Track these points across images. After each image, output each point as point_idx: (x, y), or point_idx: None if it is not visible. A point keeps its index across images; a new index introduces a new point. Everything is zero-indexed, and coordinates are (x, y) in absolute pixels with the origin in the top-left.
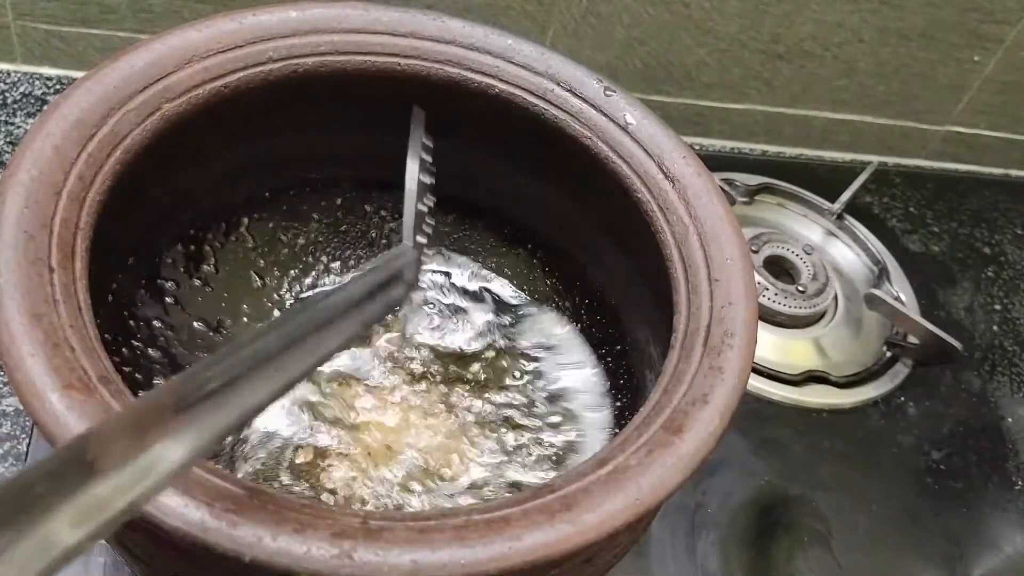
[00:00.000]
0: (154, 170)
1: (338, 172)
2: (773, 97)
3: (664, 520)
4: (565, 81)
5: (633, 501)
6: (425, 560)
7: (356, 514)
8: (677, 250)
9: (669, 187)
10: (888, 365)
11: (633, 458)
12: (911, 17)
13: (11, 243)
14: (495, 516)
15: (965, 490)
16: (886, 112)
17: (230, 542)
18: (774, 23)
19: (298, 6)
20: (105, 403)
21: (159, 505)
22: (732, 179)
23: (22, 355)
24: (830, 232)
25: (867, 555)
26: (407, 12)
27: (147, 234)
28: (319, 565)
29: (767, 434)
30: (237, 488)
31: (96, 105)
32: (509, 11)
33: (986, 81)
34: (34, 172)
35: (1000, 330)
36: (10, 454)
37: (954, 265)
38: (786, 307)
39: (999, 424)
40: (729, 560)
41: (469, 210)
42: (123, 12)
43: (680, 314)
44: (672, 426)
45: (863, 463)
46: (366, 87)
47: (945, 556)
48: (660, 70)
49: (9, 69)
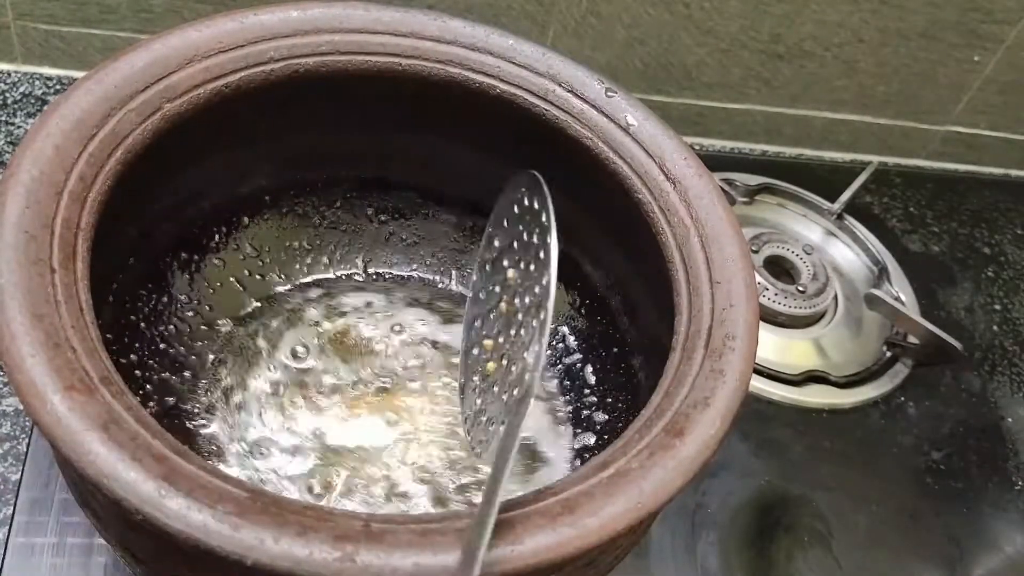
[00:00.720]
0: (155, 170)
1: (338, 172)
2: (773, 97)
3: (664, 521)
4: (566, 82)
5: (634, 504)
6: (427, 563)
7: (358, 517)
8: (678, 252)
9: (670, 188)
10: (888, 365)
11: (634, 461)
12: (911, 17)
13: (12, 243)
14: (496, 519)
15: (965, 490)
16: (886, 112)
17: (232, 545)
18: (774, 23)
19: (299, 6)
20: (107, 404)
21: (162, 507)
22: (732, 179)
23: (23, 356)
24: (830, 232)
25: (867, 555)
26: (408, 12)
27: (148, 234)
28: (321, 568)
29: (767, 434)
30: (240, 491)
31: (97, 105)
32: (509, 11)
33: (986, 81)
34: (35, 172)
35: (1000, 330)
36: (10, 454)
37: (954, 265)
38: (786, 307)
39: (999, 424)
40: (729, 560)
41: (469, 210)
42: (123, 12)
43: (681, 316)
44: (673, 429)
45: (863, 463)
46: (367, 87)
47: (945, 556)
48: (660, 70)
49: (9, 69)
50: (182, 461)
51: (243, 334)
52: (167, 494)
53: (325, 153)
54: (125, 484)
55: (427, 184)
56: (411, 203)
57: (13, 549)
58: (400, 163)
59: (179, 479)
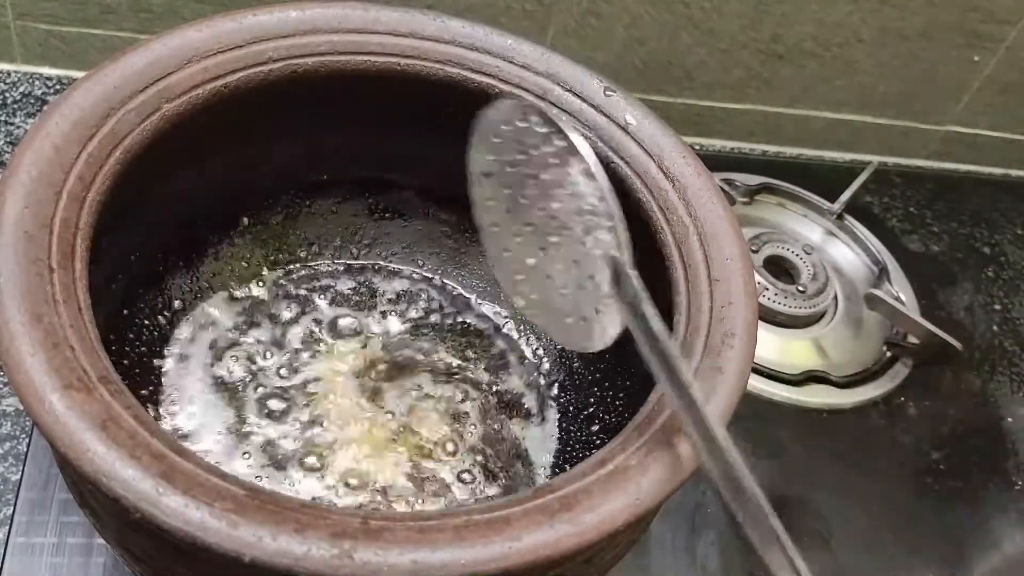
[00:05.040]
0: (154, 170)
1: (338, 172)
2: (773, 97)
3: (664, 520)
4: (565, 81)
5: (633, 501)
6: (425, 560)
7: (356, 514)
8: (677, 250)
9: (669, 187)
10: (888, 365)
11: (633, 458)
12: (911, 17)
13: (11, 243)
14: (495, 516)
15: (965, 490)
16: (886, 112)
17: (230, 542)
18: (774, 23)
19: (298, 6)
20: (105, 403)
21: (160, 505)
22: (732, 179)
23: (22, 355)
24: (830, 232)
25: (867, 555)
26: (407, 12)
27: (147, 233)
28: (319, 565)
29: (767, 434)
30: (237, 488)
31: (96, 105)
32: (509, 11)
33: (986, 81)
34: (34, 172)
35: (1000, 330)
36: (10, 454)
37: (954, 265)
38: (786, 307)
39: (999, 424)
40: (730, 560)
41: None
42: (123, 12)
43: (680, 314)
44: (672, 426)
45: (863, 463)
46: (366, 87)
47: (945, 556)
48: (660, 70)
49: (9, 69)
50: (180, 459)
51: (243, 333)
52: (165, 492)
53: (324, 153)
54: (123, 482)
55: (427, 184)
56: (411, 203)
57: (13, 549)
58: (400, 163)
59: (177, 477)
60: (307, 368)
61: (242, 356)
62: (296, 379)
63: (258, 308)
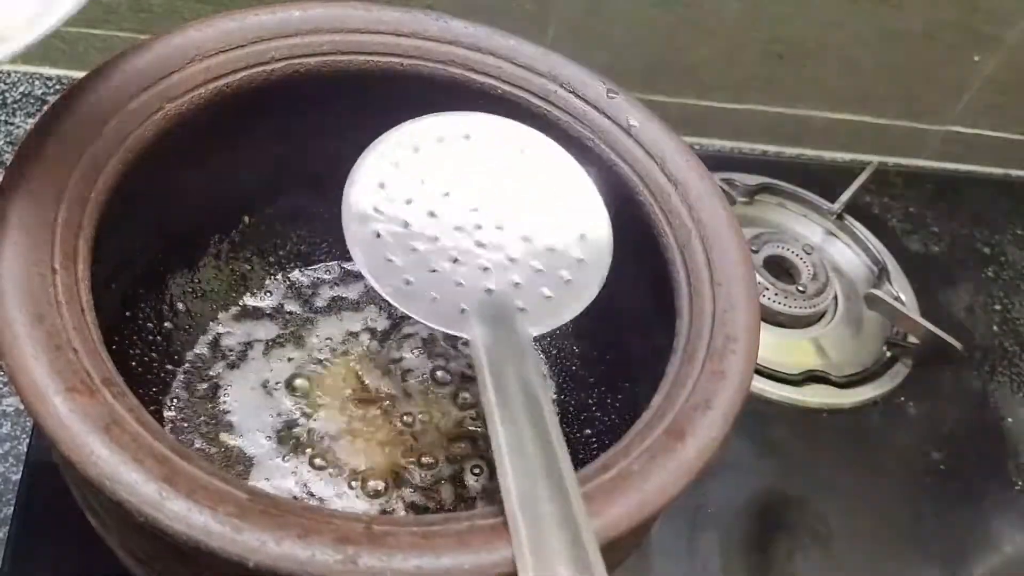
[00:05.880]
0: (156, 169)
1: (339, 172)
2: (773, 97)
3: (665, 521)
4: (568, 83)
5: (635, 507)
6: (429, 565)
7: (360, 519)
8: (679, 254)
9: (672, 190)
10: (888, 365)
11: (636, 463)
12: (911, 17)
13: (13, 244)
14: (499, 521)
15: (965, 490)
16: (886, 112)
17: (234, 547)
18: (774, 23)
19: (300, 6)
20: (108, 405)
21: (163, 509)
22: (732, 179)
23: (25, 357)
24: (830, 232)
25: (867, 555)
26: (409, 12)
27: (148, 233)
28: (323, 570)
29: (767, 434)
30: (241, 492)
31: (98, 105)
32: (510, 11)
33: (986, 81)
34: (35, 172)
35: (1000, 330)
36: (10, 454)
37: (954, 265)
38: (786, 307)
39: (999, 424)
40: (730, 560)
41: None
42: (123, 12)
43: (682, 318)
44: (675, 431)
45: (863, 463)
46: (368, 87)
47: (945, 556)
48: (660, 70)
49: (9, 69)
50: (183, 463)
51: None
52: (168, 496)
53: (325, 153)
54: (127, 486)
55: None
56: None
57: (13, 549)
58: None
59: (180, 481)
60: (308, 368)
61: (243, 356)
62: (297, 379)
63: (259, 309)
